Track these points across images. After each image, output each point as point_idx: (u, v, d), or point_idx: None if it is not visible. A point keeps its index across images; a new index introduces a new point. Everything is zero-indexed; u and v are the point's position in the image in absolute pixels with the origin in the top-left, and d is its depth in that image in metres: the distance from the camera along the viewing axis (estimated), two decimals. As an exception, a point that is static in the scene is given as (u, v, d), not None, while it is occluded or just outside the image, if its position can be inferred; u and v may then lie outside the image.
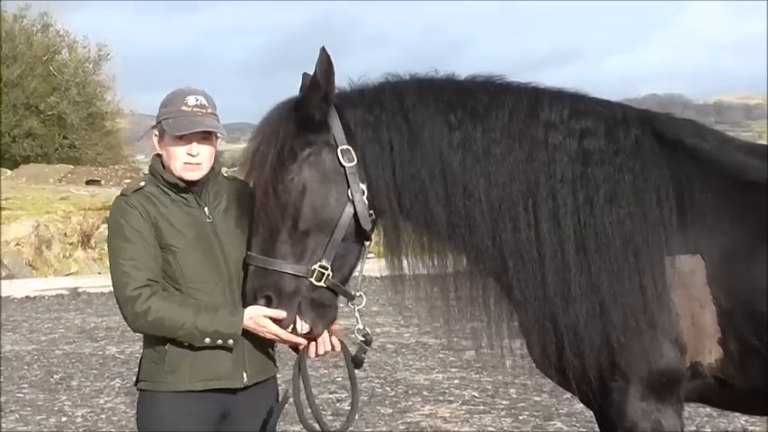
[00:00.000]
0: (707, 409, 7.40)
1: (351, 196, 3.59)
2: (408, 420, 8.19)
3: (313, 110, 3.60)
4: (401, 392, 9.25)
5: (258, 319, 3.61)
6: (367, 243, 3.70)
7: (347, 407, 8.34)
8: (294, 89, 3.74)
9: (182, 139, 3.72)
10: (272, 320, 3.60)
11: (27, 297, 18.14)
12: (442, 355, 10.90)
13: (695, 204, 3.57)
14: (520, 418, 8.08)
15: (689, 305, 3.52)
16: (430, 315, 3.87)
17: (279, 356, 3.97)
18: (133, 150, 55.45)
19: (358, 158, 3.61)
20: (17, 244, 21.77)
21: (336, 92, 3.67)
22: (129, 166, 41.56)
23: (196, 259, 3.74)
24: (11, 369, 11.07)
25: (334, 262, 3.60)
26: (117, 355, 11.75)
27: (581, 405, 4.44)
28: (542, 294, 3.56)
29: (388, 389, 9.41)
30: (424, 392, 9.22)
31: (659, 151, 3.65)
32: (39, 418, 8.73)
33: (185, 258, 3.73)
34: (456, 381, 9.64)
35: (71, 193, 28.34)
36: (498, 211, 3.58)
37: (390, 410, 8.55)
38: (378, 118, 3.64)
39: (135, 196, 3.76)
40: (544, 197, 3.57)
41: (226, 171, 4.13)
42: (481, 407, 8.53)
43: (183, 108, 3.74)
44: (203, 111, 3.75)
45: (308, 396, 3.68)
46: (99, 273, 21.20)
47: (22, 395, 9.70)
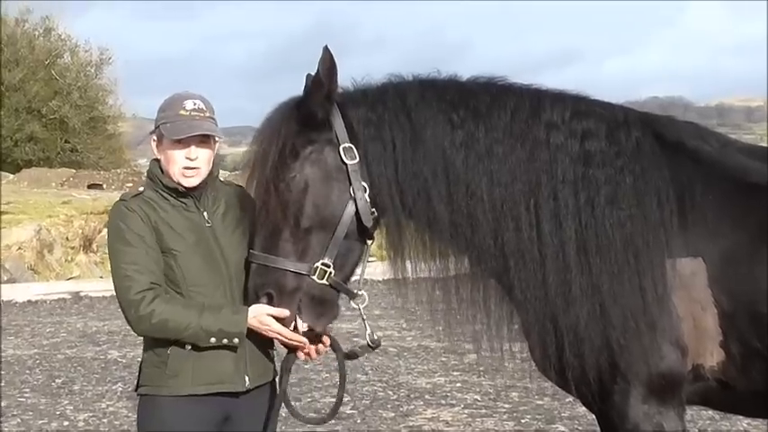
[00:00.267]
0: (709, 412, 7.38)
1: (353, 194, 3.59)
2: (411, 424, 8.18)
3: (315, 108, 3.60)
4: (403, 396, 9.24)
5: (261, 317, 3.61)
6: (369, 242, 3.70)
7: (349, 410, 8.41)
8: (293, 92, 3.74)
9: (180, 143, 3.73)
10: (276, 319, 3.60)
11: (29, 301, 18.11)
12: (444, 359, 10.89)
13: (696, 206, 3.57)
14: (522, 421, 8.06)
15: (690, 307, 3.51)
16: (431, 318, 3.86)
17: (278, 359, 3.96)
18: (135, 154, 55.38)
19: (360, 156, 3.61)
20: (19, 248, 21.75)
21: (339, 91, 3.68)
22: (132, 169, 41.48)
23: (197, 263, 3.74)
24: (12, 373, 11.05)
25: (337, 260, 3.60)
26: (119, 359, 11.74)
27: (583, 408, 4.43)
28: (543, 294, 3.56)
29: (390, 392, 9.39)
30: (426, 396, 9.20)
31: (660, 153, 3.65)
32: (40, 422, 8.72)
33: (186, 262, 3.73)
34: (458, 384, 9.62)
35: (73, 197, 28.31)
36: (500, 211, 3.58)
37: (393, 414, 8.54)
38: (380, 116, 3.64)
39: (134, 201, 3.77)
40: (546, 197, 3.57)
41: (227, 174, 4.14)
42: (483, 410, 8.51)
43: (181, 112, 3.74)
44: (201, 114, 3.75)
45: (284, 389, 3.76)
46: (101, 277, 21.18)
47: (23, 399, 9.69)
